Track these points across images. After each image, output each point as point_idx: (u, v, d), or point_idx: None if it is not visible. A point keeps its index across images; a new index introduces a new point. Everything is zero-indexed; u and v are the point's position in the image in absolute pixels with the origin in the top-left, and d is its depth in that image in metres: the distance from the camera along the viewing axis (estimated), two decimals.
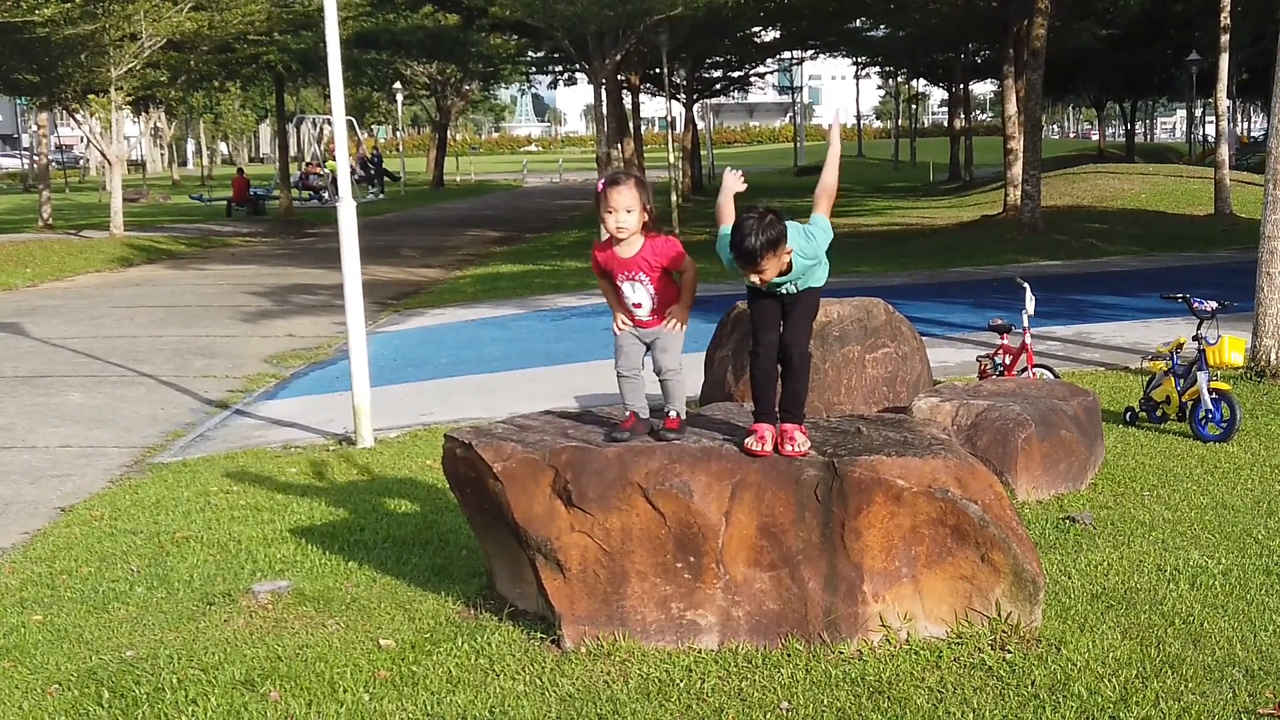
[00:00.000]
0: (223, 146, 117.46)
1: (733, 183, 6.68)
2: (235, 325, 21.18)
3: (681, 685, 6.11)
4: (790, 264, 6.30)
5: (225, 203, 50.38)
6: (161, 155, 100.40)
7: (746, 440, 6.51)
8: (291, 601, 7.53)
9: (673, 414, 6.71)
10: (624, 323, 6.78)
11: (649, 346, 6.76)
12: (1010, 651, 6.27)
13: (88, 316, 22.24)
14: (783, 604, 6.46)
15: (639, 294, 6.60)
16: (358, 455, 11.62)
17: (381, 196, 60.22)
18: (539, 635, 6.74)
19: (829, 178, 6.77)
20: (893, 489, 6.32)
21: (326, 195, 53.20)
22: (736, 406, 7.87)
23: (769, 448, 6.46)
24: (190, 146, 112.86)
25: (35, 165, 47.82)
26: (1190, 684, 5.89)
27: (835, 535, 6.38)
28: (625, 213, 6.44)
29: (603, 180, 6.57)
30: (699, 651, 6.41)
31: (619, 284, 6.63)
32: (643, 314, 6.67)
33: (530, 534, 6.65)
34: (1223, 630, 6.52)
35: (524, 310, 21.51)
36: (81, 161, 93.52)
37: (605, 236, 6.62)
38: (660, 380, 6.71)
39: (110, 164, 39.13)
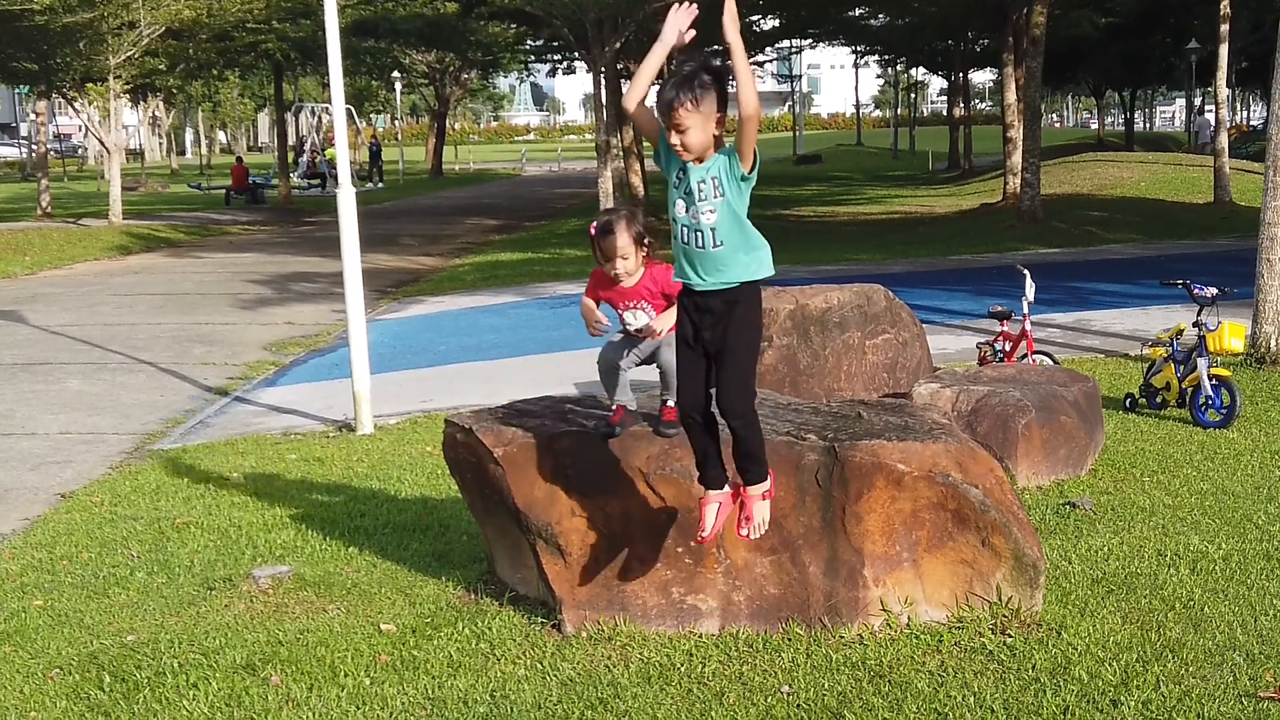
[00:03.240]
0: (221, 135, 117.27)
1: (674, 27, 5.21)
2: (234, 313, 21.17)
3: (682, 669, 6.12)
4: (715, 145, 5.28)
5: (224, 191, 50.30)
6: (160, 144, 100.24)
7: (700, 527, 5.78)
8: (292, 586, 7.53)
9: (670, 403, 6.55)
10: (619, 332, 6.64)
11: (638, 346, 6.60)
12: (1011, 636, 6.27)
13: (87, 304, 22.23)
14: (783, 588, 6.46)
15: (640, 320, 6.47)
16: (358, 442, 11.61)
17: (380, 186, 60.15)
18: (540, 620, 6.74)
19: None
20: (894, 473, 6.32)
21: (327, 186, 53.14)
22: None
23: (715, 526, 5.68)
24: (189, 135, 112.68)
25: (34, 154, 47.77)
26: (1191, 668, 5.89)
27: (836, 520, 6.38)
28: (621, 260, 6.34)
29: (594, 225, 6.45)
30: (700, 636, 6.41)
31: (621, 313, 6.53)
32: (637, 328, 6.55)
33: (531, 519, 6.65)
34: (1223, 615, 6.52)
35: (523, 298, 21.50)
36: (80, 150, 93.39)
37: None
38: (660, 371, 6.58)
39: (109, 152, 39.08)
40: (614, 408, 6.68)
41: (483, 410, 7.38)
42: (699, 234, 5.32)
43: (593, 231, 6.40)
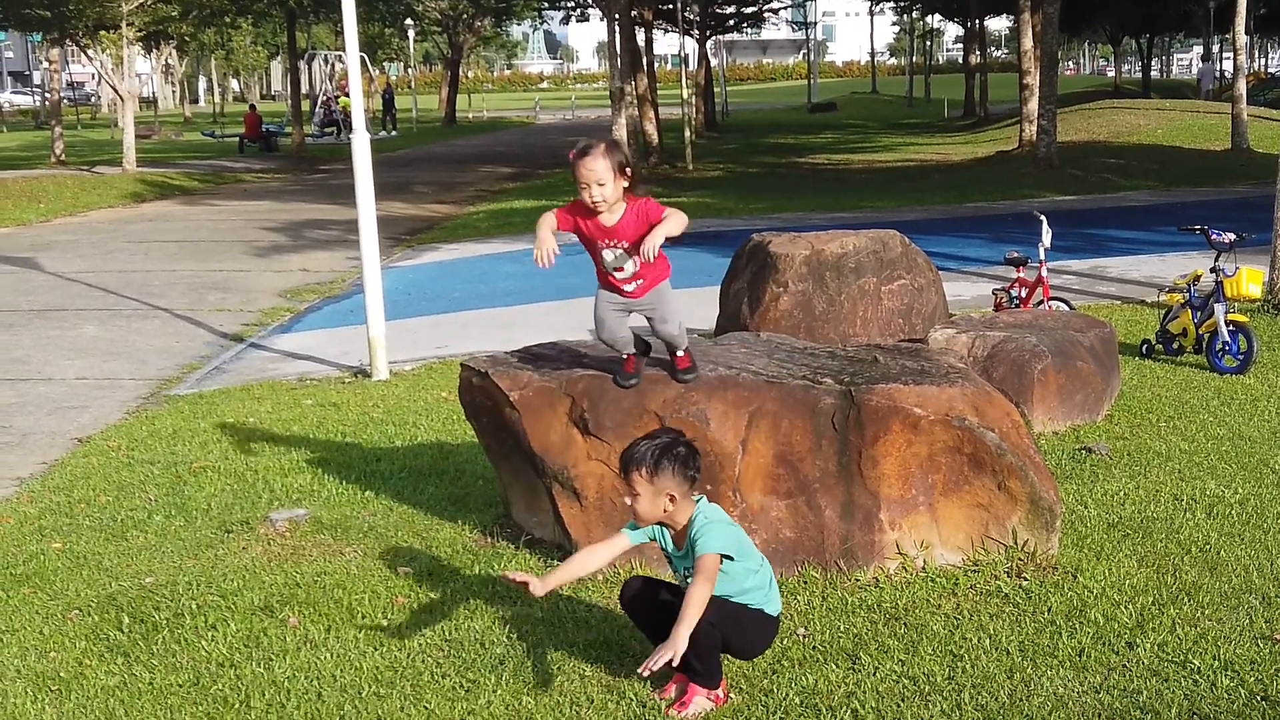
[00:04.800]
0: (234, 83, 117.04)
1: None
2: (249, 260, 21.17)
3: None
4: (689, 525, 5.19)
5: (237, 139, 50.21)
6: (173, 92, 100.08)
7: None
8: (309, 530, 7.56)
9: (680, 353, 6.51)
10: (606, 294, 6.30)
11: (632, 316, 6.40)
12: (1027, 579, 6.28)
13: (102, 251, 22.24)
14: (799, 532, 6.47)
15: (620, 259, 6.16)
16: (373, 387, 11.63)
17: (394, 134, 60.01)
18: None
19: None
20: (910, 417, 6.32)
21: (341, 133, 53.00)
22: (753, 336, 7.86)
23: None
24: (202, 83, 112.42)
25: (47, 102, 47.67)
26: (1206, 610, 5.90)
27: (852, 463, 6.38)
28: (598, 185, 5.95)
29: (572, 150, 6.07)
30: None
31: (600, 250, 6.17)
32: (624, 275, 6.22)
33: (547, 463, 6.66)
34: (1239, 558, 6.52)
35: None
36: (93, 98, 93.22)
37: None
38: (666, 345, 6.52)
39: (122, 100, 39.00)
40: (624, 357, 6.57)
41: (499, 355, 7.38)
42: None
43: (571, 156, 6.05)
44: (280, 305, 16.95)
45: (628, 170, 6.00)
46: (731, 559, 5.07)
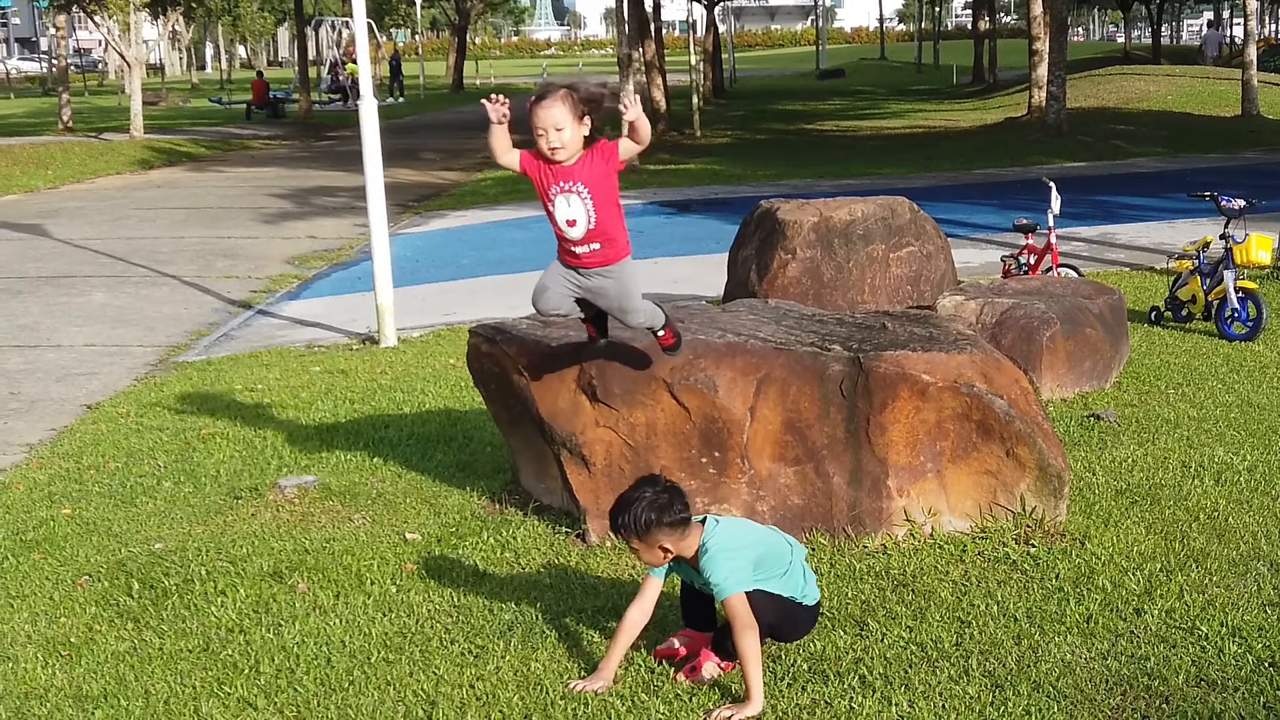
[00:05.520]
0: (241, 50, 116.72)
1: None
2: (257, 227, 21.16)
3: None
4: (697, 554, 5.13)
5: (245, 106, 50.14)
6: (180, 58, 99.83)
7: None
8: (318, 496, 7.58)
9: (661, 332, 6.10)
10: (558, 265, 5.87)
11: (586, 302, 5.95)
12: (1035, 546, 6.28)
13: (109, 218, 22.24)
14: (807, 499, 6.47)
15: (575, 209, 5.68)
16: (381, 354, 11.65)
17: (401, 100, 59.89)
18: (564, 530, 6.77)
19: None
20: (918, 384, 6.31)
21: (348, 100, 52.89)
22: (761, 303, 7.85)
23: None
24: (209, 50, 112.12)
25: (54, 68, 47.56)
26: (1215, 577, 5.90)
27: (860, 430, 6.38)
28: (555, 131, 5.54)
29: (531, 97, 5.68)
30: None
31: (550, 200, 5.70)
32: (576, 233, 5.72)
33: (555, 429, 6.66)
34: (1247, 525, 6.52)
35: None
36: (100, 65, 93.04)
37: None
38: (630, 324, 6.05)
39: (129, 66, 38.95)
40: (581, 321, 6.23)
41: (507, 321, 7.37)
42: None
43: (529, 104, 5.64)
44: (288, 272, 16.95)
45: (587, 117, 5.60)
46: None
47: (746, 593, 5.01)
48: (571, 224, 5.70)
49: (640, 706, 4.94)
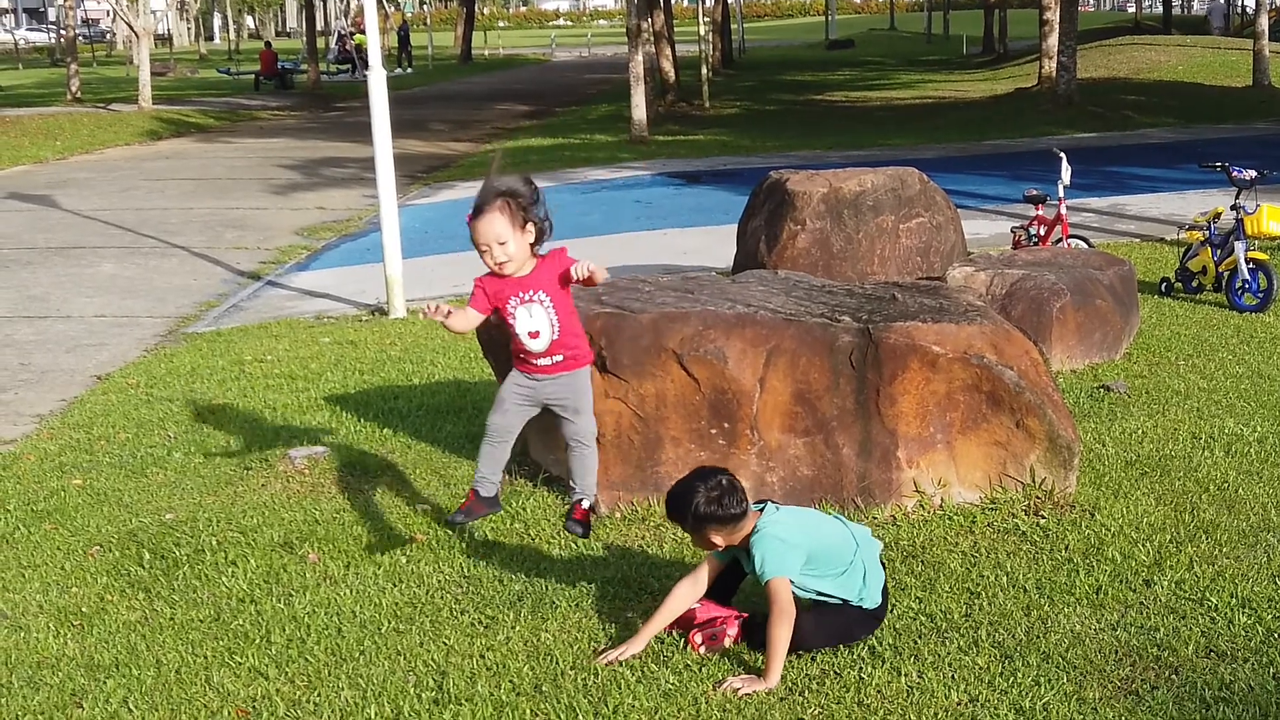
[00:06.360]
0: (249, 20, 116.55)
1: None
2: (265, 198, 21.14)
3: None
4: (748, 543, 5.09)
5: (253, 76, 50.03)
6: (188, 29, 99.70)
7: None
8: (328, 467, 7.59)
9: (584, 502, 5.65)
10: (516, 375, 5.56)
11: (544, 410, 5.64)
12: (1044, 517, 6.29)
13: (118, 189, 22.22)
14: (817, 470, 6.48)
15: (537, 319, 5.37)
16: (390, 325, 11.65)
17: (409, 71, 59.76)
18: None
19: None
20: (928, 355, 6.31)
21: (356, 71, 52.78)
22: (770, 274, 7.84)
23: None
24: (217, 20, 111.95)
25: (62, 39, 47.55)
26: (1224, 548, 5.90)
27: (870, 401, 6.38)
28: (499, 245, 5.25)
29: (468, 213, 5.39)
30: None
31: (511, 314, 5.38)
32: (540, 345, 5.41)
33: None
34: (1257, 496, 6.52)
35: (554, 183, 21.38)
36: (108, 35, 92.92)
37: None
38: (570, 450, 5.63)
39: (137, 37, 38.86)
40: (469, 489, 5.75)
41: None
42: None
43: (468, 219, 5.36)
44: (297, 243, 16.94)
45: (535, 222, 5.31)
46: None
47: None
48: (534, 335, 5.41)
49: (650, 677, 4.95)
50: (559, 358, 5.46)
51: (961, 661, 4.97)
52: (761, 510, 5.13)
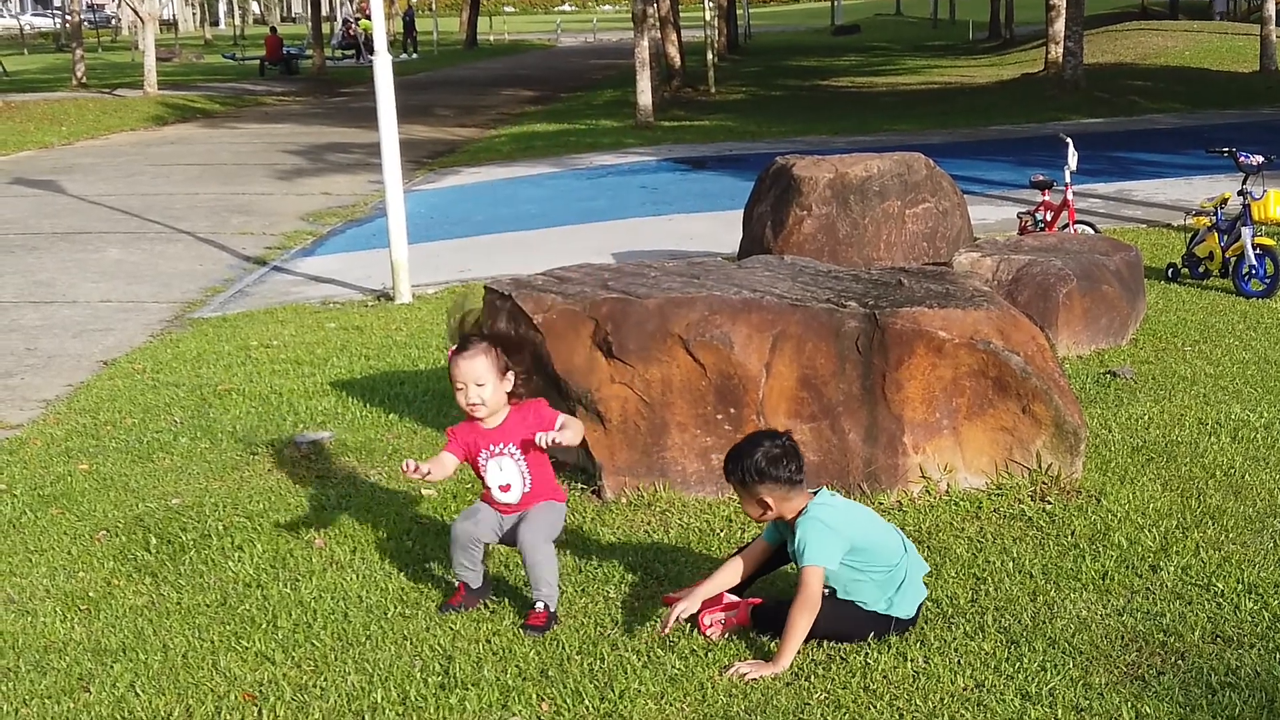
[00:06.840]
0: (254, 5, 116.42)
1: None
2: (271, 183, 21.14)
3: (722, 535, 6.17)
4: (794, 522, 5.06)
5: (258, 62, 49.99)
6: (193, 14, 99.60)
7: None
8: (334, 452, 7.60)
9: (539, 605, 5.32)
10: (485, 505, 5.53)
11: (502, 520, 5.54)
12: (1050, 503, 6.28)
13: (124, 174, 22.23)
14: (823, 455, 6.47)
15: (508, 472, 5.40)
16: (396, 310, 11.65)
17: (415, 56, 59.71)
18: (579, 486, 6.79)
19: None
20: (934, 340, 6.30)
21: (362, 56, 52.73)
22: (776, 259, 7.83)
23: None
24: (222, 6, 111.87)
25: (68, 24, 47.55)
26: (1231, 534, 5.90)
27: (876, 387, 6.38)
28: (476, 386, 5.28)
29: (450, 348, 5.52)
30: (739, 502, 6.43)
31: (482, 466, 5.43)
32: (511, 498, 5.44)
33: (570, 385, 6.67)
34: (1264, 482, 6.51)
35: (560, 169, 21.38)
36: (113, 21, 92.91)
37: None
38: (524, 558, 5.41)
39: (142, 22, 38.89)
40: (457, 585, 5.59)
41: (522, 277, 7.37)
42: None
43: (450, 354, 5.45)
44: (303, 228, 16.94)
45: (510, 373, 5.36)
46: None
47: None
48: (505, 489, 5.43)
49: (656, 662, 4.96)
50: (531, 500, 5.48)
51: (967, 647, 4.97)
52: (816, 494, 5.12)
